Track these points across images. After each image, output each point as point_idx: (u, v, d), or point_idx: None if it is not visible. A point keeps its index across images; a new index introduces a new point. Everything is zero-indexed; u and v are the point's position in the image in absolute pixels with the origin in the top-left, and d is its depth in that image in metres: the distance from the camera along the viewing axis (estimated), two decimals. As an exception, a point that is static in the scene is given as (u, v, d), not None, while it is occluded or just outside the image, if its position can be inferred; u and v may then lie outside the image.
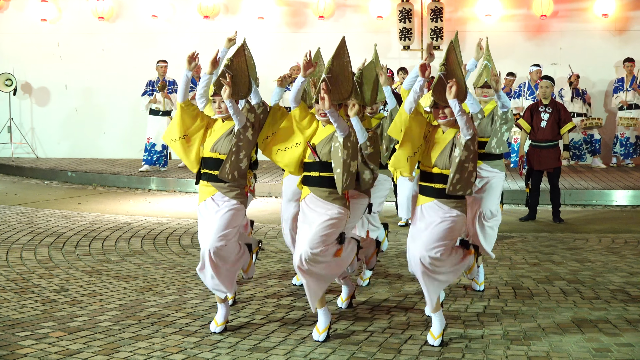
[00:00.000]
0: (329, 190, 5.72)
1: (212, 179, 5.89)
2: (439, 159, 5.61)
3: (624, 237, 9.74)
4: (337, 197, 5.73)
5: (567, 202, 12.35)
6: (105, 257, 8.52)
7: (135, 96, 16.41)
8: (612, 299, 6.87)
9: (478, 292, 7.06)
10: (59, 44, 18.08)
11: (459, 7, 17.12)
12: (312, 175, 5.79)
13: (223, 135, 5.88)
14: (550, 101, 10.95)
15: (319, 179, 5.76)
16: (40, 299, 6.83)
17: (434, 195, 5.64)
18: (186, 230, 10.10)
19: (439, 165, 5.61)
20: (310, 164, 5.81)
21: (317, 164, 5.76)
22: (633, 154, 16.02)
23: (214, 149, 5.88)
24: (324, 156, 5.73)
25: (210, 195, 5.91)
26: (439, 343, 5.60)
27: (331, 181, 5.70)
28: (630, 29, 16.76)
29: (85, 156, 18.18)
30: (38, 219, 10.76)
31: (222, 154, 5.85)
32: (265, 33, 17.12)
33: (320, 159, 5.74)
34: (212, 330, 5.93)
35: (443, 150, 5.60)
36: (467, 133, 5.42)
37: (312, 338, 5.76)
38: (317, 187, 5.75)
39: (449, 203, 5.62)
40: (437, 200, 5.63)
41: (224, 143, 5.85)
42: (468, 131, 5.41)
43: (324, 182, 5.73)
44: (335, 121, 5.55)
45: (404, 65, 16.09)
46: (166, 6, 17.56)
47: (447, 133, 5.64)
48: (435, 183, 5.63)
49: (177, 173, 15.04)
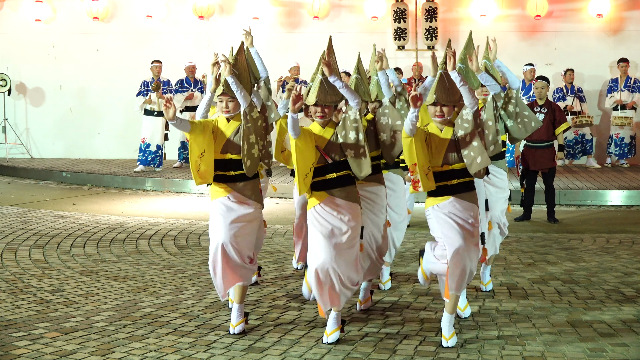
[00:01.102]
0: (347, 189, 5.72)
1: (227, 180, 5.88)
2: (446, 157, 5.61)
3: (618, 237, 9.76)
4: (354, 195, 5.75)
5: (562, 202, 12.38)
6: (100, 258, 8.51)
7: (129, 96, 16.39)
8: (607, 299, 6.88)
9: (473, 293, 7.05)
10: (53, 44, 18.05)
11: (454, 7, 17.13)
12: (328, 178, 5.71)
13: (231, 136, 5.86)
14: (545, 101, 10.97)
15: (336, 179, 5.71)
16: (35, 300, 6.81)
17: (448, 193, 5.63)
18: (181, 230, 10.09)
19: (449, 161, 5.61)
20: (323, 168, 5.73)
21: (331, 165, 5.72)
22: (628, 154, 16.05)
23: (225, 151, 5.87)
24: (336, 156, 5.71)
25: (227, 194, 5.89)
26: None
27: (348, 179, 5.72)
28: (625, 30, 16.79)
29: (80, 156, 18.15)
30: (33, 220, 10.74)
31: (234, 154, 5.84)
32: (260, 33, 17.04)
33: (333, 160, 5.71)
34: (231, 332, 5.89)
35: (448, 147, 5.61)
36: (472, 104, 5.48)
37: (307, 338, 5.76)
38: (337, 189, 5.71)
39: (466, 197, 5.63)
40: (454, 198, 5.63)
41: (234, 143, 5.84)
42: (472, 101, 5.48)
43: (341, 181, 5.72)
44: (345, 88, 5.63)
45: (399, 65, 16.11)
46: (161, 6, 17.54)
47: (445, 131, 5.64)
48: (447, 180, 5.61)
49: (172, 173, 15.03)
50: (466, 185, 5.66)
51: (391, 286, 7.26)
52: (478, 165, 5.54)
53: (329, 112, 5.73)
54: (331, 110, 5.75)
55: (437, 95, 5.58)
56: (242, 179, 5.89)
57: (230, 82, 5.73)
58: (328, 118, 5.74)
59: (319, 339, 5.74)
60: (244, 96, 5.78)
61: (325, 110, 5.72)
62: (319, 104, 5.69)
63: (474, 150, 5.52)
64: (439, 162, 5.62)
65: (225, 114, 5.90)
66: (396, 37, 16.84)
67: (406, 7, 16.80)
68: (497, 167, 7.02)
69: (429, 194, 5.70)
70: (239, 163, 5.84)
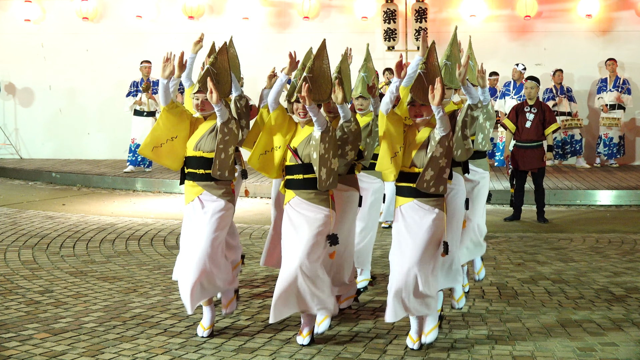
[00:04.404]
0: (313, 191, 5.63)
1: (197, 178, 5.83)
2: (416, 158, 5.49)
3: (608, 237, 9.79)
4: (323, 198, 5.64)
5: (552, 202, 12.41)
6: (90, 258, 8.48)
7: (119, 97, 16.34)
8: (596, 299, 6.91)
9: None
10: (43, 45, 17.99)
11: (444, 8, 17.16)
12: (295, 178, 5.69)
13: (205, 134, 5.81)
14: (535, 102, 10.99)
15: (302, 181, 5.67)
16: (25, 301, 6.79)
17: (413, 195, 5.51)
18: (171, 231, 10.08)
19: (417, 164, 5.49)
20: (292, 167, 5.71)
21: (300, 166, 5.67)
22: (616, 154, 16.11)
23: (197, 148, 5.82)
24: (306, 158, 5.64)
25: (197, 195, 5.84)
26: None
27: (315, 182, 5.61)
28: (614, 30, 16.85)
29: (70, 157, 18.10)
30: (22, 220, 10.71)
31: (205, 152, 5.79)
32: (250, 33, 17.10)
33: (302, 160, 5.66)
34: (200, 334, 5.87)
35: (419, 149, 5.49)
36: (443, 130, 5.32)
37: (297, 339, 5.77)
38: (302, 190, 5.66)
39: (429, 202, 5.47)
40: (417, 200, 5.50)
41: (207, 141, 5.79)
42: (444, 128, 5.31)
43: (307, 184, 5.64)
44: (315, 115, 5.45)
45: (389, 65, 16.10)
46: (151, 6, 17.50)
47: (422, 132, 5.54)
48: (414, 182, 5.47)
49: (161, 174, 15.00)
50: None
51: (381, 286, 7.25)
52: (423, 183, 5.39)
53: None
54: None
55: (414, 95, 5.45)
56: (213, 178, 5.80)
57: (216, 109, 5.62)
58: (309, 117, 5.68)
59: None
60: (222, 115, 5.69)
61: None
62: (301, 101, 5.64)
63: (428, 169, 5.38)
64: (407, 163, 5.52)
65: (200, 112, 5.86)
66: (386, 37, 16.86)
67: (396, 7, 16.82)
68: (476, 166, 6.87)
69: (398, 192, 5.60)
70: (210, 161, 5.77)
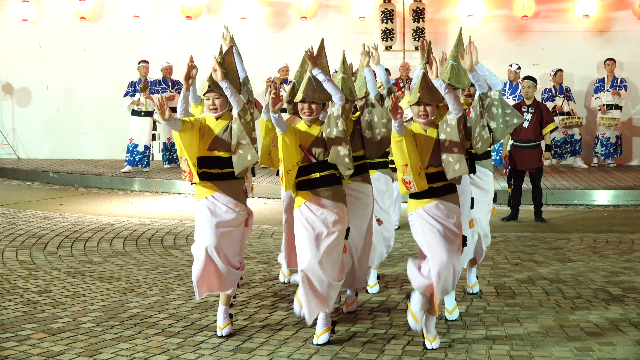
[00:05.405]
0: (332, 189, 5.66)
1: (212, 178, 5.81)
2: (431, 158, 5.52)
3: (605, 237, 9.80)
4: (340, 195, 5.69)
5: (549, 202, 12.42)
6: (88, 259, 8.48)
7: (117, 97, 16.35)
8: (594, 299, 6.91)
9: (461, 293, 7.04)
10: (40, 45, 17.98)
11: (441, 8, 17.17)
12: (312, 177, 5.67)
13: (220, 133, 5.79)
14: (532, 101, 11.01)
15: (320, 179, 5.66)
16: (22, 301, 6.79)
17: (432, 195, 5.51)
18: (169, 231, 10.07)
19: (433, 164, 5.51)
20: (307, 168, 5.68)
21: (315, 165, 5.67)
22: (614, 153, 16.13)
23: (213, 148, 5.80)
24: (320, 155, 5.66)
25: (211, 194, 5.82)
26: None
27: (332, 178, 5.66)
28: (611, 30, 16.87)
29: (67, 157, 18.09)
30: (19, 220, 10.70)
31: (221, 152, 5.79)
32: (248, 33, 17.09)
33: (317, 159, 5.67)
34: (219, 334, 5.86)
35: (433, 149, 5.52)
36: (457, 112, 5.38)
37: (295, 339, 5.76)
38: (321, 188, 5.66)
39: (450, 199, 5.54)
40: (439, 200, 5.52)
41: (222, 141, 5.79)
42: (458, 108, 5.37)
43: (326, 181, 5.66)
44: (326, 81, 5.58)
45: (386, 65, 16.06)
46: (148, 6, 17.50)
47: (429, 132, 5.56)
48: (432, 183, 5.50)
49: (159, 174, 14.99)
50: (451, 187, 5.58)
51: (379, 287, 7.25)
52: (454, 172, 5.45)
53: (317, 109, 5.68)
54: (319, 107, 5.69)
55: (421, 94, 5.48)
56: (227, 177, 5.82)
57: (224, 87, 5.64)
58: (315, 116, 5.69)
59: (307, 339, 5.74)
60: (237, 100, 5.69)
61: (313, 107, 5.67)
62: (306, 100, 5.65)
63: (453, 156, 5.44)
64: (424, 164, 5.51)
65: (212, 113, 5.82)
66: (384, 37, 16.86)
67: (394, 7, 16.84)
68: (482, 167, 6.80)
69: (410, 196, 5.59)
70: (225, 161, 5.79)
